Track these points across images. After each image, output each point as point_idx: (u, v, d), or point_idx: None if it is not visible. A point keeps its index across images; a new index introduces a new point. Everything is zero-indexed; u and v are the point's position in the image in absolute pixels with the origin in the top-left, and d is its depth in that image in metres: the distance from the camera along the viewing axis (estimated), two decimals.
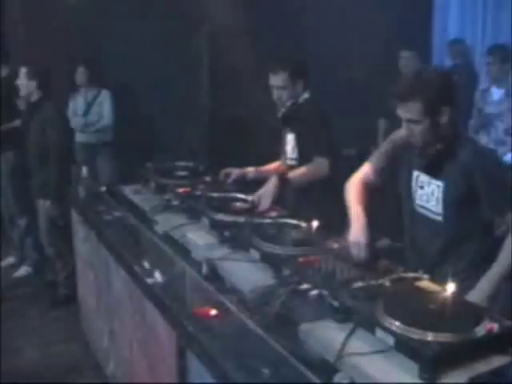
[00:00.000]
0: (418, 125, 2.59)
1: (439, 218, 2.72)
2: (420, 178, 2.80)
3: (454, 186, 2.64)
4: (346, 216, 2.90)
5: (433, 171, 2.72)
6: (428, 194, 2.76)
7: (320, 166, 3.63)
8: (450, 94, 2.63)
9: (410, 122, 2.61)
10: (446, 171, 2.66)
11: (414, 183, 2.83)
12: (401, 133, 2.89)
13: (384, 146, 3.01)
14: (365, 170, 3.03)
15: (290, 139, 3.86)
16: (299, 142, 3.81)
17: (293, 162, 3.85)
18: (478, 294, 2.50)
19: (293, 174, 3.67)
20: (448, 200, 2.67)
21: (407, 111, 2.58)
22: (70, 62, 6.65)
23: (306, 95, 3.77)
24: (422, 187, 2.79)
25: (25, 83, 5.07)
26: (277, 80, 3.70)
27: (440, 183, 2.69)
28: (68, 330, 4.74)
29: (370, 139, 5.98)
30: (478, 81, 6.66)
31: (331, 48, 6.44)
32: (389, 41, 6.22)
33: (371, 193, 3.00)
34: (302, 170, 3.69)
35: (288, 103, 3.74)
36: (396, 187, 2.98)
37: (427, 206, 2.77)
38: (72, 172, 4.62)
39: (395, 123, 2.89)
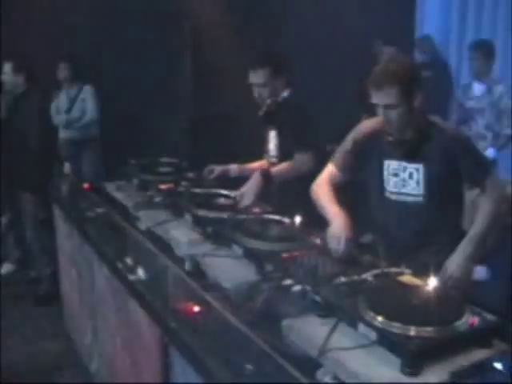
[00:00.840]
0: (396, 109, 2.66)
1: (419, 199, 2.82)
2: (393, 165, 2.87)
3: (434, 167, 2.75)
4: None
5: (410, 156, 2.80)
6: (404, 179, 2.83)
7: (302, 161, 3.63)
8: (420, 78, 2.75)
9: (387, 107, 2.68)
10: (424, 154, 2.76)
11: (385, 172, 2.90)
12: (362, 127, 2.99)
13: (346, 144, 3.04)
14: (330, 170, 3.07)
15: (272, 137, 3.86)
16: (281, 140, 3.81)
17: (274, 160, 3.85)
18: (459, 256, 2.73)
19: (275, 170, 3.67)
20: (429, 180, 2.77)
21: (384, 96, 2.66)
22: (53, 58, 6.60)
23: (286, 93, 3.76)
24: (395, 174, 2.86)
25: (11, 77, 5.03)
26: (257, 77, 3.68)
27: (419, 166, 2.78)
28: (51, 327, 4.72)
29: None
30: (450, 76, 6.70)
31: (314, 44, 6.45)
32: (372, 37, 6.23)
33: (343, 191, 3.05)
34: (284, 165, 3.69)
35: (269, 101, 3.74)
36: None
37: (404, 190, 2.85)
38: (55, 168, 4.60)
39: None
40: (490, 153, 5.36)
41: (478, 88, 5.62)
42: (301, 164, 3.63)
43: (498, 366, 1.63)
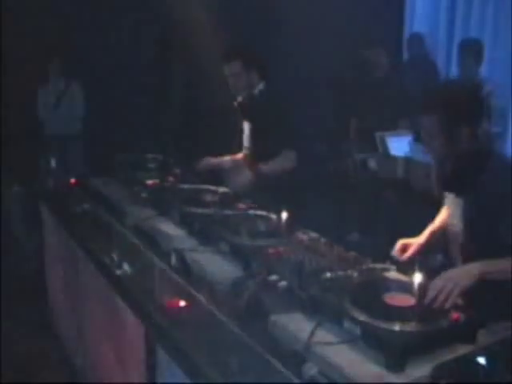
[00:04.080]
0: (436, 139, 2.47)
1: (460, 235, 2.62)
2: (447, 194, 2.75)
3: (477, 203, 2.48)
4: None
5: (452, 187, 2.63)
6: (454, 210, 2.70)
7: (289, 158, 3.68)
8: (473, 108, 2.49)
9: (426, 133, 2.52)
10: (470, 187, 2.51)
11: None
12: None
13: None
14: None
15: (246, 128, 3.91)
16: (254, 132, 3.86)
17: (246, 151, 3.90)
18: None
19: (266, 168, 3.70)
20: (471, 217, 2.54)
21: (425, 123, 2.49)
22: (43, 52, 6.59)
23: (261, 86, 3.81)
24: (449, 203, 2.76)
25: None
26: (230, 69, 3.76)
27: (460, 199, 2.59)
28: (37, 324, 4.69)
29: (342, 137, 6.03)
30: (437, 72, 6.73)
31: (303, 45, 6.46)
32: (359, 37, 6.24)
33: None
34: (273, 163, 3.73)
35: (243, 92, 3.79)
36: None
37: (451, 221, 2.73)
38: (41, 163, 4.58)
39: (366, 122, 2.92)
40: None
41: None
42: (289, 161, 3.68)
43: (481, 360, 1.64)
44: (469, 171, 2.48)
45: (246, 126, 3.94)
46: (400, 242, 2.82)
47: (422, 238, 2.87)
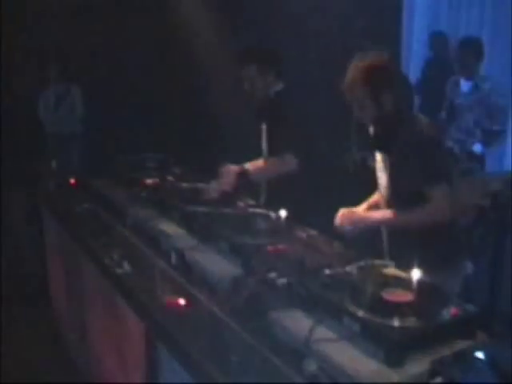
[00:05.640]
0: (363, 104, 2.79)
1: (387, 191, 2.95)
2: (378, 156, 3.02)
3: (397, 162, 2.83)
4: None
5: (377, 147, 2.97)
6: (380, 169, 2.98)
7: (286, 161, 3.59)
8: (390, 76, 2.83)
9: (355, 102, 2.81)
10: (390, 147, 2.85)
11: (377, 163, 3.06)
12: None
13: None
14: None
15: (263, 132, 3.85)
16: (269, 136, 3.80)
17: (264, 156, 3.86)
18: (363, 218, 2.92)
19: (253, 169, 3.61)
20: (392, 173, 2.88)
21: (354, 94, 2.79)
22: (41, 56, 6.61)
23: (277, 87, 3.74)
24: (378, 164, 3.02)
25: None
26: (246, 71, 3.69)
27: (386, 158, 2.90)
28: (40, 325, 4.69)
29: (342, 134, 6.02)
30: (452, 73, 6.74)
31: (302, 44, 6.46)
32: (359, 36, 6.24)
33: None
34: (264, 164, 3.68)
35: (260, 95, 3.72)
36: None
37: (380, 182, 3.02)
38: (42, 164, 4.59)
39: None
40: (477, 148, 5.41)
41: (465, 85, 5.64)
42: (284, 164, 3.59)
43: (480, 355, 1.65)
44: (390, 131, 2.83)
45: (263, 130, 3.86)
46: (341, 211, 3.08)
47: (360, 207, 3.21)
